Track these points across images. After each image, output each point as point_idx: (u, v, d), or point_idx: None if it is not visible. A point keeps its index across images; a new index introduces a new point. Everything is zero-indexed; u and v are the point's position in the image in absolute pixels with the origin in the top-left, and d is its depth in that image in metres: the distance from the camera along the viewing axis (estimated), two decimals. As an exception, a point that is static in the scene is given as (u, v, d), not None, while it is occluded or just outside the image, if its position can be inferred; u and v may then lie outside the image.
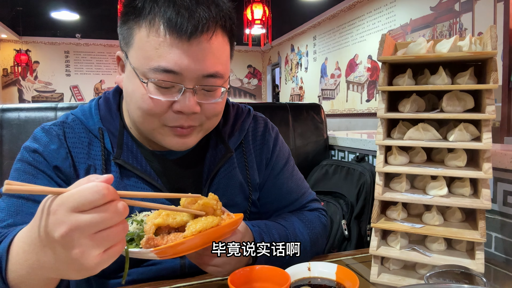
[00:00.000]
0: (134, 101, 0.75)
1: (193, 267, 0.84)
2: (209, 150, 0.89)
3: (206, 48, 0.71)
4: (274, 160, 0.97)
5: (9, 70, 9.02)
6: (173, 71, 0.70)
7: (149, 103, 0.72)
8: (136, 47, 0.73)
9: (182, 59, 0.70)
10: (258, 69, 10.90)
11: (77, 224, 0.46)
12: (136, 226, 0.64)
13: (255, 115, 1.00)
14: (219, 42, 0.74)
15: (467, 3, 4.08)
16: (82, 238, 0.47)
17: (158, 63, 0.70)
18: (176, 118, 0.74)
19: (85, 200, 0.47)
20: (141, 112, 0.74)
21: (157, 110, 0.73)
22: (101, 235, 0.48)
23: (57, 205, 0.48)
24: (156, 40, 0.70)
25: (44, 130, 0.81)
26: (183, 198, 0.65)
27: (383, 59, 0.78)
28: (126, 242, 0.60)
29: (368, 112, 6.04)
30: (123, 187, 0.80)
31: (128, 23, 0.74)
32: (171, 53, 0.69)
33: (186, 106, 0.72)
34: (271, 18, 4.96)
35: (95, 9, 6.92)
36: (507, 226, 0.95)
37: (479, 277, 0.65)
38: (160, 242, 0.59)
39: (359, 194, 1.46)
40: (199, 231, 0.60)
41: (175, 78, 0.71)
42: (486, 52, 0.71)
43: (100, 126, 0.82)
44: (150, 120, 0.75)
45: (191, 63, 0.70)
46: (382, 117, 0.79)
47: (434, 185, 0.78)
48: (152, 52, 0.70)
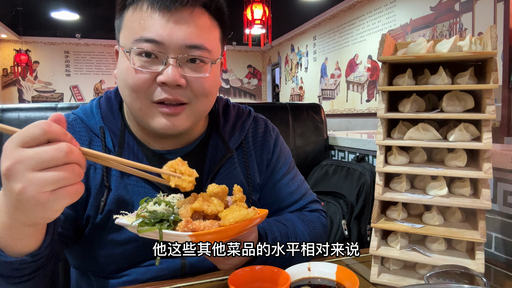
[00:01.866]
0: (121, 80, 0.76)
1: (193, 267, 0.84)
2: (210, 149, 0.89)
3: (189, 20, 0.74)
4: (275, 161, 0.97)
5: (9, 70, 9.02)
6: (154, 40, 0.72)
7: (134, 76, 0.74)
8: (124, 28, 0.77)
9: (163, 28, 0.72)
10: (258, 69, 10.89)
11: (19, 157, 0.48)
12: (165, 208, 0.63)
13: (256, 116, 1.00)
14: (204, 20, 0.76)
15: (467, 3, 4.08)
16: (26, 173, 0.48)
17: (141, 34, 0.73)
18: (161, 92, 0.74)
19: (27, 134, 0.48)
20: (128, 90, 0.75)
21: (141, 83, 0.74)
22: (46, 173, 0.48)
23: (7, 142, 0.49)
24: (139, 15, 0.73)
25: None
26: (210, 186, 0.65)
27: (383, 59, 0.78)
28: (157, 223, 0.59)
29: (368, 112, 6.04)
30: (124, 186, 0.80)
31: (121, 13, 0.78)
32: (153, 24, 0.72)
33: (169, 76, 0.73)
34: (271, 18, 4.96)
35: (95, 9, 6.92)
36: (507, 226, 0.95)
37: (479, 277, 0.65)
38: (199, 227, 0.58)
39: (359, 194, 1.46)
40: (236, 222, 0.59)
41: (158, 48, 0.73)
42: (486, 52, 0.71)
43: (102, 125, 0.82)
44: (137, 98, 0.75)
45: (173, 32, 0.72)
46: (382, 117, 0.79)
47: (434, 185, 0.78)
48: (136, 27, 0.73)
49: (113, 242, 0.80)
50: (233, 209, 0.62)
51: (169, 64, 0.73)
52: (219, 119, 0.92)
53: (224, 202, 0.66)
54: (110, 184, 0.80)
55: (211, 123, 0.93)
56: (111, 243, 0.80)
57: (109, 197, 0.79)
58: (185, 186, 0.62)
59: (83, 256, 0.84)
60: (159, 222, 0.60)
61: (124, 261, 0.82)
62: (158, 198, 0.65)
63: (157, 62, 0.74)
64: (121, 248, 0.80)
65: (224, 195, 0.67)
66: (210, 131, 0.92)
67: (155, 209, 0.62)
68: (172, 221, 0.60)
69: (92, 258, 0.82)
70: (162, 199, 0.65)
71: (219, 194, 0.65)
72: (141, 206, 0.64)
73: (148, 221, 0.60)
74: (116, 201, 0.79)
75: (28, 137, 0.48)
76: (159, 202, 0.64)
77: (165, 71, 0.73)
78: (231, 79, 10.52)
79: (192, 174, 0.63)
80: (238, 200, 0.67)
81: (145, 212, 0.61)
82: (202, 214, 0.62)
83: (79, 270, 0.89)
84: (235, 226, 0.59)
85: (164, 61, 0.73)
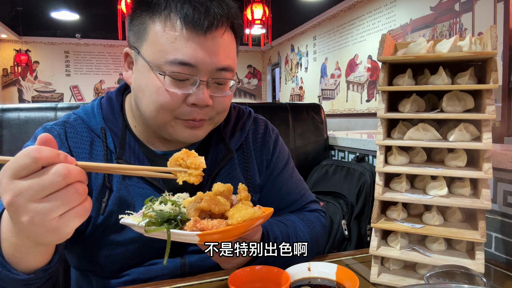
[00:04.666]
0: (148, 95, 0.75)
1: (193, 267, 0.84)
2: (210, 150, 0.89)
3: (220, 43, 0.74)
4: (274, 161, 0.97)
5: (9, 70, 9.02)
6: (189, 64, 0.72)
7: (165, 96, 0.73)
8: (151, 41, 0.74)
9: (198, 52, 0.72)
10: (258, 69, 10.89)
11: (17, 190, 0.46)
12: (171, 207, 0.63)
13: (256, 117, 1.00)
14: (229, 38, 0.77)
15: (467, 3, 4.08)
16: (29, 204, 0.47)
17: (175, 56, 0.71)
18: (190, 112, 0.76)
19: (19, 166, 0.46)
20: (156, 106, 0.75)
21: (172, 103, 0.74)
22: (48, 200, 0.47)
23: (1, 174, 0.47)
24: (172, 34, 0.72)
25: (45, 130, 0.82)
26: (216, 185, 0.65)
27: (383, 59, 0.78)
28: (164, 223, 0.59)
29: (368, 112, 6.04)
30: (125, 187, 0.80)
31: (141, 18, 0.75)
32: (188, 46, 0.71)
33: (201, 98, 0.74)
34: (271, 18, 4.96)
35: (95, 9, 6.92)
36: (507, 226, 0.95)
37: (479, 277, 0.65)
38: (207, 226, 0.58)
39: (359, 194, 1.46)
40: (244, 221, 0.59)
41: (191, 71, 0.73)
42: (486, 52, 0.71)
43: (103, 126, 0.82)
44: (164, 114, 0.76)
45: (206, 56, 0.73)
46: (382, 117, 0.79)
47: (434, 185, 0.78)
48: (168, 46, 0.72)
49: (114, 242, 0.80)
50: (239, 208, 0.63)
51: (201, 87, 0.74)
52: None
53: (229, 200, 0.66)
54: (111, 185, 0.80)
55: None
56: (112, 243, 0.80)
57: (110, 198, 0.79)
58: (193, 180, 0.61)
59: (83, 256, 0.84)
60: (166, 222, 0.60)
61: (125, 261, 0.82)
62: (164, 197, 0.65)
63: (188, 83, 0.75)
64: (122, 249, 0.80)
65: (229, 194, 0.67)
66: (211, 132, 0.92)
67: (161, 209, 0.62)
68: (179, 221, 0.60)
69: (92, 259, 0.82)
70: (168, 199, 0.64)
71: (224, 193, 0.65)
72: (146, 205, 0.64)
73: (155, 220, 0.60)
74: (118, 201, 0.79)
75: (19, 168, 0.46)
76: (165, 201, 0.63)
77: (196, 92, 0.74)
78: (231, 79, 10.49)
79: (199, 166, 0.62)
80: (243, 198, 0.67)
81: (152, 212, 0.61)
82: (208, 213, 0.62)
83: (79, 271, 0.89)
84: (243, 225, 0.59)
85: (195, 83, 0.74)
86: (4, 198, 0.47)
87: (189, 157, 0.63)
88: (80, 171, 0.50)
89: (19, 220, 0.48)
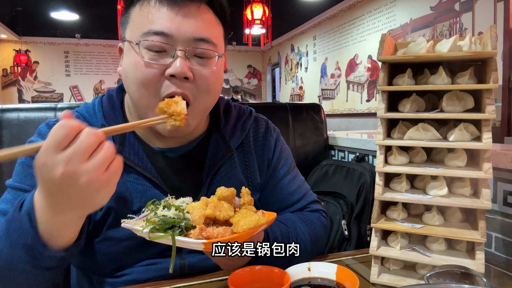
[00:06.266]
0: (129, 75, 0.77)
1: (192, 268, 0.84)
2: (210, 149, 0.89)
3: (196, 15, 0.76)
4: (275, 161, 0.97)
5: (9, 70, 9.02)
6: (163, 33, 0.73)
7: (143, 70, 0.75)
8: (131, 23, 0.78)
9: (172, 21, 0.74)
10: (258, 69, 10.90)
11: (66, 158, 0.53)
12: (175, 212, 0.62)
13: (257, 117, 1.00)
14: (209, 17, 0.79)
15: (467, 3, 4.09)
16: (81, 166, 0.53)
17: (149, 27, 0.74)
18: (169, 85, 0.75)
19: (60, 138, 0.53)
20: (137, 85, 0.76)
21: (150, 76, 0.75)
22: (93, 157, 0.54)
23: (42, 155, 0.54)
24: (147, 9, 0.75)
25: (48, 126, 0.83)
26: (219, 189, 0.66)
27: (383, 59, 0.78)
28: (169, 229, 0.59)
29: (368, 112, 6.04)
30: (123, 184, 0.80)
31: (127, 9, 0.80)
32: (161, 17, 0.74)
33: (177, 68, 0.74)
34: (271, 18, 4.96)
35: (95, 9, 6.92)
36: (507, 226, 0.95)
37: (479, 277, 0.65)
38: (212, 235, 0.58)
39: (359, 194, 1.46)
40: (250, 228, 0.59)
41: (166, 40, 0.74)
42: (486, 52, 0.71)
43: (103, 123, 0.83)
44: (146, 93, 0.76)
45: (181, 25, 0.74)
46: (382, 117, 0.79)
47: (434, 185, 0.78)
48: (144, 21, 0.75)
49: (111, 239, 0.80)
50: (243, 214, 0.62)
51: (178, 57, 0.74)
52: (220, 119, 0.93)
53: (232, 204, 0.66)
54: None
55: (212, 122, 0.94)
56: (109, 239, 0.80)
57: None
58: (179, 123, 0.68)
59: (82, 253, 0.84)
60: (170, 228, 0.60)
61: (122, 259, 0.82)
62: (167, 201, 0.64)
63: (165, 55, 0.75)
64: (119, 246, 0.80)
65: (233, 198, 0.67)
66: (211, 130, 0.92)
67: (165, 214, 0.61)
68: (183, 227, 0.60)
69: (91, 256, 0.82)
70: (172, 204, 0.64)
71: (228, 197, 0.65)
72: (148, 208, 0.64)
73: (158, 227, 0.60)
74: (116, 198, 0.79)
75: (61, 140, 0.53)
76: (169, 206, 0.63)
77: (174, 63, 0.74)
78: (231, 79, 10.53)
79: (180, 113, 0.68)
80: (247, 203, 0.67)
81: (155, 218, 0.61)
82: (212, 219, 0.62)
83: (79, 269, 0.89)
84: (248, 232, 0.59)
85: (172, 53, 0.75)
86: (56, 172, 0.53)
87: (171, 106, 0.68)
88: (102, 132, 0.57)
89: (78, 184, 0.53)
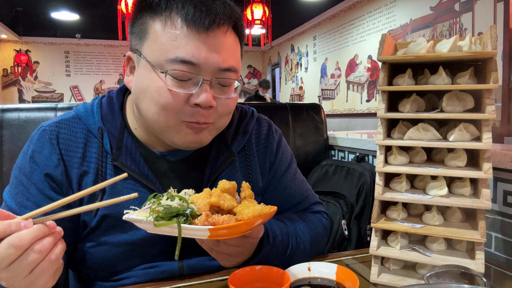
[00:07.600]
0: (149, 97, 0.73)
1: (191, 269, 0.84)
2: (212, 153, 0.87)
3: (222, 42, 0.73)
4: (277, 163, 0.96)
5: (9, 71, 9.03)
6: (191, 62, 0.70)
7: (167, 96, 0.71)
8: (151, 40, 0.72)
9: (199, 50, 0.70)
10: (258, 69, 10.90)
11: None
12: (179, 202, 0.62)
13: (259, 118, 0.98)
14: (232, 38, 0.76)
15: (467, 3, 4.08)
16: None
17: (176, 54, 0.70)
18: (193, 113, 0.73)
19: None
20: (158, 108, 0.72)
21: (174, 103, 0.71)
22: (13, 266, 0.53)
23: None
24: (173, 32, 0.70)
25: (39, 133, 0.80)
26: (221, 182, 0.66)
27: (383, 59, 0.78)
28: (174, 217, 0.59)
29: (368, 112, 6.04)
30: (118, 191, 0.79)
31: (142, 19, 0.74)
32: (189, 44, 0.70)
33: (204, 98, 0.71)
34: (271, 18, 4.96)
35: (95, 9, 6.92)
36: (507, 226, 0.95)
37: (479, 277, 0.65)
38: (217, 221, 0.58)
39: (359, 194, 1.46)
40: (254, 216, 0.60)
41: (193, 70, 0.71)
42: (486, 52, 0.71)
43: (100, 126, 0.81)
44: (166, 116, 0.73)
45: (209, 55, 0.71)
46: (382, 117, 0.79)
47: (434, 185, 0.78)
48: (168, 44, 0.70)
49: (107, 243, 0.79)
50: (247, 204, 0.63)
51: (204, 87, 0.72)
52: None
53: (234, 198, 0.67)
54: (104, 188, 0.78)
55: None
56: (105, 244, 0.79)
57: (103, 199, 0.78)
58: None
59: (80, 258, 0.83)
60: (175, 217, 0.59)
61: (119, 264, 0.81)
62: (170, 193, 0.64)
63: (190, 83, 0.72)
64: (114, 251, 0.80)
65: (234, 191, 0.67)
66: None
67: (169, 204, 0.61)
68: (189, 215, 0.60)
69: (88, 261, 0.81)
70: (175, 194, 0.64)
71: (230, 190, 0.66)
72: (151, 201, 0.63)
73: (163, 215, 0.59)
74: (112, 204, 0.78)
75: None
76: (172, 197, 0.63)
77: (199, 92, 0.72)
78: (231, 79, 10.50)
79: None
80: (248, 196, 0.68)
81: (159, 207, 0.60)
82: (216, 210, 0.63)
83: (77, 274, 0.89)
84: (253, 220, 0.60)
85: (198, 82, 0.72)
86: None
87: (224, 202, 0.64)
88: (37, 229, 0.54)
89: None
